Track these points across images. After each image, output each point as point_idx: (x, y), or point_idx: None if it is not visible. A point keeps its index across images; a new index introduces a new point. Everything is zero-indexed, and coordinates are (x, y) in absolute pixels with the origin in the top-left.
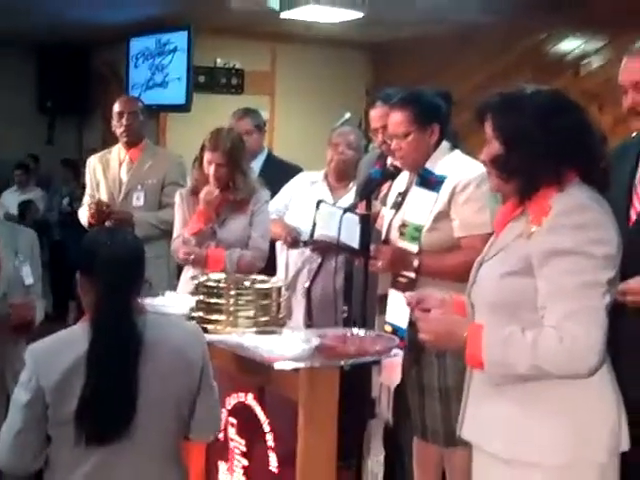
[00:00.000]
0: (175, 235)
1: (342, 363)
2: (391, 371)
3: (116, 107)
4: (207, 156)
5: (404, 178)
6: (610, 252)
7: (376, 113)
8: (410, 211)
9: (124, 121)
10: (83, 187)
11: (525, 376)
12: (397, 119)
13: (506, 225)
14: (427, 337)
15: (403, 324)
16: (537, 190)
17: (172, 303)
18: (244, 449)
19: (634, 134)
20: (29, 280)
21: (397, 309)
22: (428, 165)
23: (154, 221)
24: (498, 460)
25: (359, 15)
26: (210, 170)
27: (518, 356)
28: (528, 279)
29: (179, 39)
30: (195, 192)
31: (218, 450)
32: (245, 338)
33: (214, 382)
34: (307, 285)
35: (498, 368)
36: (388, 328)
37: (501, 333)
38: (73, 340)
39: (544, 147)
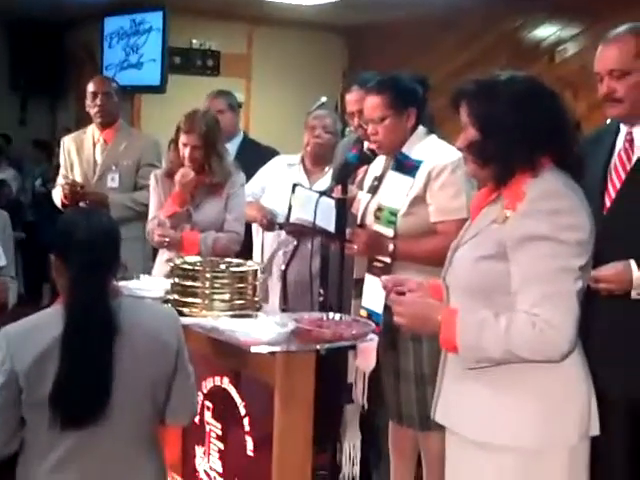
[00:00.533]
0: (150, 217)
1: (318, 347)
2: (366, 356)
3: (90, 87)
4: (182, 138)
5: (380, 162)
6: (583, 238)
7: (352, 97)
8: (386, 195)
9: (98, 101)
10: (56, 168)
11: (498, 360)
12: (373, 103)
13: (481, 210)
14: (402, 320)
15: (379, 309)
16: (512, 176)
17: (147, 286)
18: (220, 433)
19: (608, 121)
20: (1, 262)
21: (373, 294)
22: (404, 150)
23: (129, 202)
24: (470, 443)
25: None
26: (185, 152)
27: (491, 341)
28: (502, 263)
29: (154, 19)
30: (170, 174)
31: (194, 434)
32: (221, 321)
33: (190, 366)
34: (283, 268)
35: (472, 352)
36: (364, 313)
37: (475, 318)
38: (47, 323)
39: (519, 133)
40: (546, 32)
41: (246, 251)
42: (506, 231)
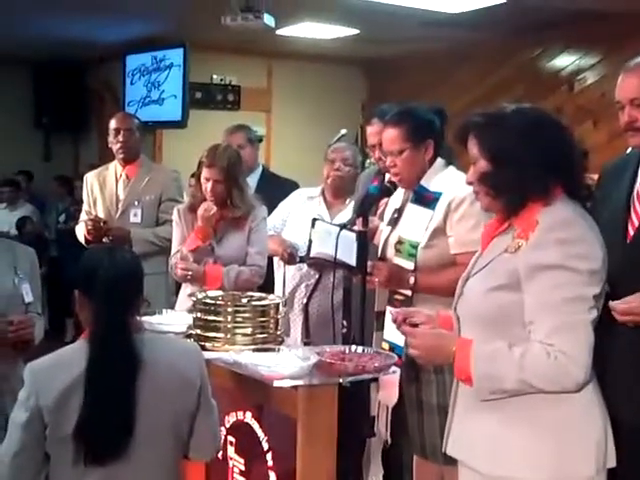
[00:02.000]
0: (173, 252)
1: (340, 380)
2: (389, 390)
3: (112, 124)
4: (204, 172)
5: (400, 195)
6: (595, 267)
7: (373, 129)
8: (406, 228)
9: (120, 138)
10: (77, 203)
11: (513, 391)
12: (391, 136)
13: (492, 240)
14: (415, 352)
15: (401, 342)
16: (525, 205)
17: (170, 321)
18: (243, 468)
19: (628, 150)
20: (29, 298)
21: (394, 327)
22: (423, 182)
23: (152, 237)
24: (482, 476)
25: (354, 32)
26: (207, 186)
27: (506, 370)
28: (514, 294)
29: (175, 56)
30: (193, 209)
31: (217, 469)
32: (243, 356)
33: (213, 400)
34: (305, 301)
35: (486, 382)
36: (385, 346)
37: (489, 347)
38: (71, 358)
39: (531, 162)
40: (565, 61)
41: (268, 284)
42: (518, 261)
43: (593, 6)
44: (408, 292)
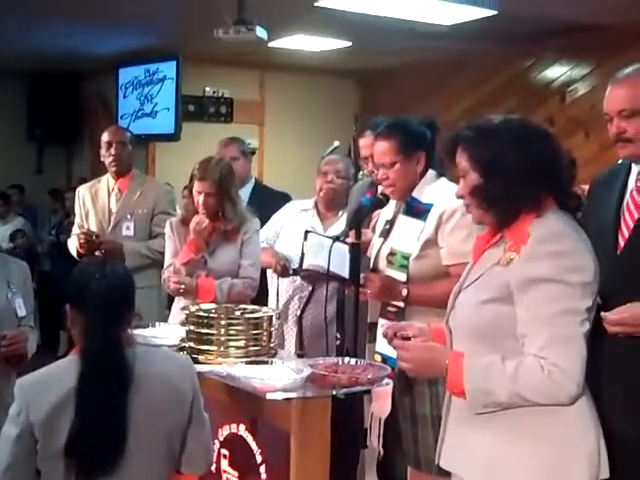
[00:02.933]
0: (166, 265)
1: (334, 392)
2: (381, 401)
3: (104, 137)
4: (196, 186)
5: (391, 206)
6: (587, 279)
7: (365, 142)
8: (398, 239)
9: (112, 151)
10: (68, 215)
11: (506, 404)
12: (382, 149)
13: (483, 252)
14: (407, 365)
15: (393, 353)
16: (516, 217)
17: (163, 334)
18: None
19: (620, 161)
20: (22, 312)
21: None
22: (415, 193)
23: (144, 251)
24: None
25: (347, 44)
26: (199, 199)
27: (499, 384)
28: (506, 306)
29: (168, 68)
30: (185, 222)
31: None
32: (236, 368)
33: (205, 414)
34: (298, 314)
35: (479, 396)
36: (378, 358)
37: (482, 361)
38: (62, 373)
39: (521, 173)
40: (556, 72)
41: (262, 297)
42: (510, 274)
43: (585, 18)
44: (401, 304)
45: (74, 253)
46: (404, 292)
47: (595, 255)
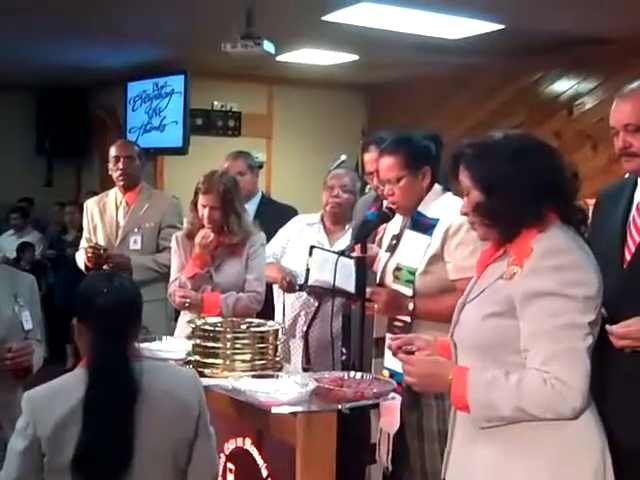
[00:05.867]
0: (172, 279)
1: (340, 407)
2: (390, 417)
3: (112, 151)
4: (201, 199)
5: (398, 221)
6: (590, 294)
7: (370, 157)
8: (404, 254)
9: (120, 165)
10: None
11: (510, 418)
12: (388, 164)
13: (487, 266)
14: (411, 379)
15: (400, 368)
16: (520, 232)
17: (169, 348)
18: None
19: (627, 175)
20: (28, 325)
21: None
22: (421, 208)
23: (152, 264)
24: None
25: (354, 57)
26: (204, 213)
27: (503, 399)
28: (510, 320)
29: (176, 82)
30: (191, 236)
31: None
32: (242, 382)
33: (211, 428)
34: (305, 329)
35: (483, 410)
36: (386, 373)
37: (485, 375)
38: (70, 387)
39: (523, 188)
40: (564, 86)
41: (268, 312)
42: (513, 288)
43: (592, 31)
44: (407, 318)
45: (82, 267)
46: (410, 306)
47: (599, 270)
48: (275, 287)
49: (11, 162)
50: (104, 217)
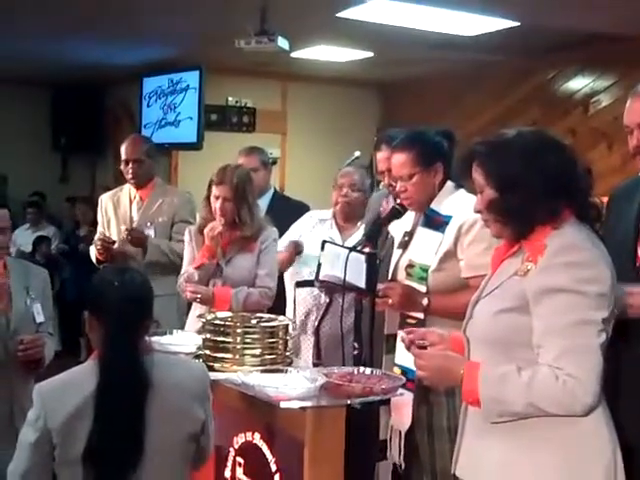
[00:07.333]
0: (182, 272)
1: (348, 402)
2: (402, 414)
3: (122, 153)
4: (214, 191)
5: (410, 217)
6: (604, 291)
7: (381, 156)
8: (416, 251)
9: (129, 169)
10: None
11: (521, 414)
12: (400, 161)
13: (502, 263)
14: (423, 374)
15: (412, 365)
16: (533, 229)
17: (179, 341)
18: None
19: None
20: (40, 318)
21: (406, 350)
22: (433, 205)
23: (166, 249)
24: None
25: (369, 54)
26: (217, 205)
27: (514, 394)
28: (523, 316)
29: (191, 78)
30: (202, 230)
31: None
32: (251, 377)
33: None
34: (316, 324)
35: (494, 405)
36: (397, 370)
37: (497, 371)
38: (81, 379)
39: (536, 186)
40: (579, 84)
41: (280, 306)
42: (527, 284)
43: (608, 29)
44: (420, 315)
45: (94, 260)
46: (425, 302)
47: (613, 267)
48: (287, 281)
49: (27, 158)
50: (118, 212)
